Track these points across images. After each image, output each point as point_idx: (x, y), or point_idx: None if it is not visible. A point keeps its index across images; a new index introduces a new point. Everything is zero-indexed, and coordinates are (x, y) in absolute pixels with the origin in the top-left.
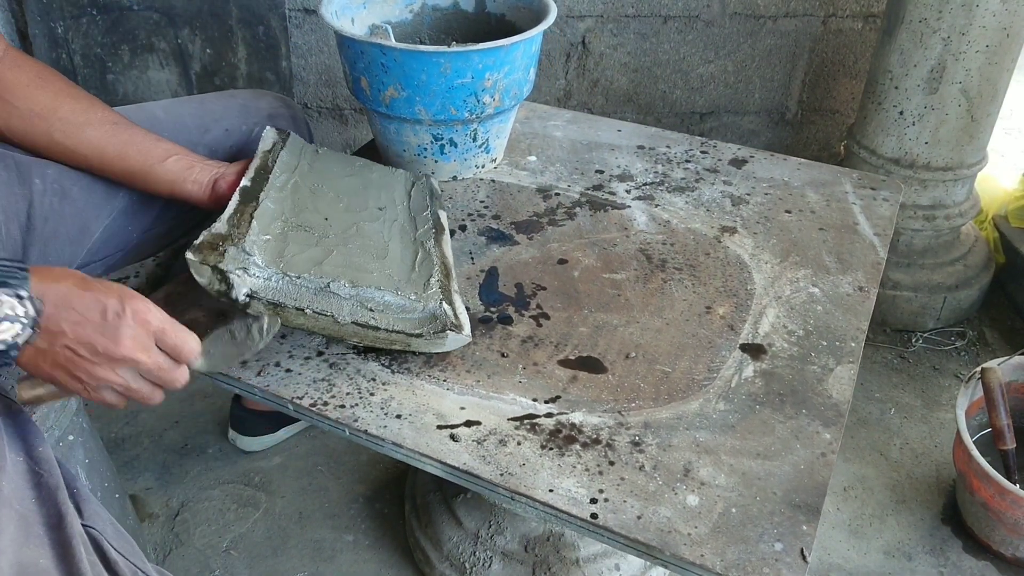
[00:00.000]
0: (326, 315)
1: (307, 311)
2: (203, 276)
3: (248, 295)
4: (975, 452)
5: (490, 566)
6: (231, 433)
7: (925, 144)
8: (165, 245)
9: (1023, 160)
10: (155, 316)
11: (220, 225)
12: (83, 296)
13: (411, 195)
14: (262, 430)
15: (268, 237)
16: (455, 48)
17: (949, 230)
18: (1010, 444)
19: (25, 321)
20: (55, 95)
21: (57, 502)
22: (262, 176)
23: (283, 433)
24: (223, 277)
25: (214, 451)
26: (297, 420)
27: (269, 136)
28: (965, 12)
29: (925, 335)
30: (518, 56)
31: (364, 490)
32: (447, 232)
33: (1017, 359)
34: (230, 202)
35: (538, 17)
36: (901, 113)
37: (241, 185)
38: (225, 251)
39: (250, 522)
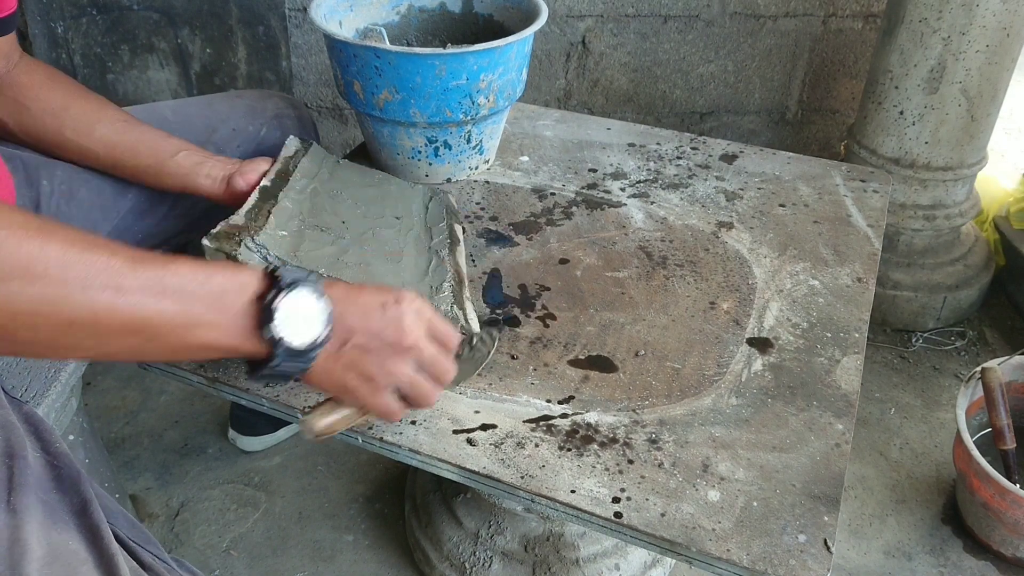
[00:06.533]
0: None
1: None
2: None
3: None
4: (975, 452)
5: (490, 566)
6: (231, 433)
7: (925, 144)
8: (164, 243)
9: (1023, 160)
10: (426, 305)
11: (238, 217)
12: (361, 292)
13: (428, 208)
14: (262, 430)
15: (284, 233)
16: (450, 50)
17: (949, 230)
18: (1010, 444)
19: (324, 318)
20: (66, 95)
21: (80, 491)
22: (282, 179)
23: (283, 433)
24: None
25: (214, 451)
26: None
27: (292, 144)
28: (965, 12)
29: (925, 335)
30: (512, 57)
31: (364, 490)
32: (462, 245)
33: (1017, 359)
34: (249, 198)
35: (527, 17)
36: (901, 113)
37: (260, 185)
38: (241, 240)
39: (250, 522)
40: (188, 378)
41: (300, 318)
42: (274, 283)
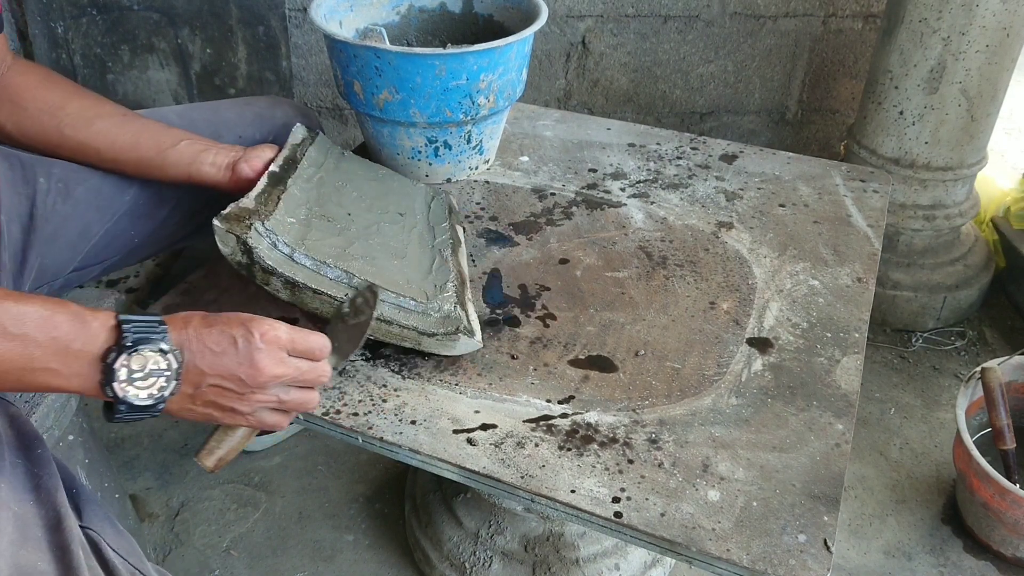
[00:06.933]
0: (341, 302)
1: (324, 295)
2: (227, 245)
3: (268, 270)
4: (975, 452)
5: (490, 566)
6: None
7: (925, 144)
8: (165, 247)
9: (1023, 160)
10: (281, 331)
11: (248, 201)
12: (211, 332)
13: (431, 207)
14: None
15: (292, 220)
16: (450, 50)
17: (949, 230)
18: (1010, 444)
19: (169, 373)
20: (63, 94)
21: (56, 504)
22: (290, 165)
23: (283, 432)
24: (246, 249)
25: None
26: None
27: (299, 132)
28: (965, 12)
29: (925, 335)
30: (512, 57)
31: (364, 490)
32: (463, 247)
33: (1017, 359)
34: (259, 182)
35: (527, 17)
36: (901, 113)
37: (270, 170)
38: (251, 224)
39: (250, 522)
40: None
41: (143, 376)
42: (119, 340)
